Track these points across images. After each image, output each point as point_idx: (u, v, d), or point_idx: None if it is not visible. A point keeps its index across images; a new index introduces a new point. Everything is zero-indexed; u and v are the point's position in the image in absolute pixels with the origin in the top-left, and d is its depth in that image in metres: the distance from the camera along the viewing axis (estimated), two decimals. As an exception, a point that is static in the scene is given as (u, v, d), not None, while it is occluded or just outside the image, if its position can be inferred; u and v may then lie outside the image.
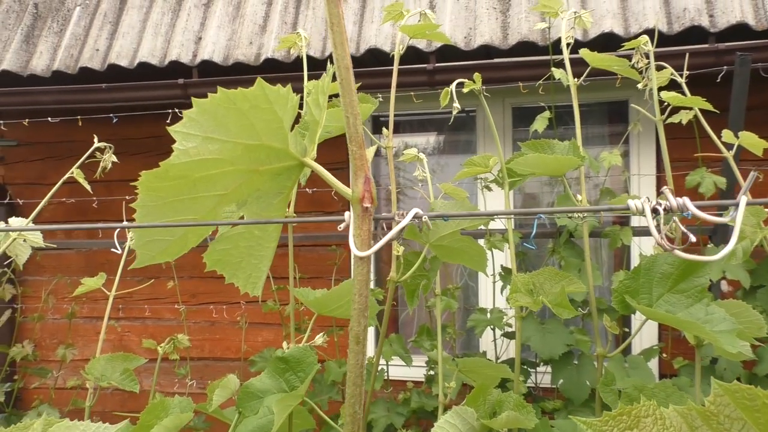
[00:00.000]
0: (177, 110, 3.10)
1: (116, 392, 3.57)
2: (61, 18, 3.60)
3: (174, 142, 0.49)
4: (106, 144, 1.66)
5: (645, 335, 3.25)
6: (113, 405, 3.70)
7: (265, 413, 1.21)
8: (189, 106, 0.49)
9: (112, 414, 2.82)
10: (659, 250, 1.57)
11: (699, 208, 0.48)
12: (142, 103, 3.22)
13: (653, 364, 3.18)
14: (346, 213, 0.50)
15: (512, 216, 2.59)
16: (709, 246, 2.69)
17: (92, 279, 1.71)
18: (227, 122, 0.47)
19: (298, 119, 0.56)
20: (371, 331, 3.40)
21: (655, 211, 0.49)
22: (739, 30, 2.70)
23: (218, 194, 0.51)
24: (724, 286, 3.00)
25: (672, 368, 2.64)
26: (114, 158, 1.69)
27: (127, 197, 1.78)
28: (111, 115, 3.22)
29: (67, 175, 1.62)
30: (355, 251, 0.48)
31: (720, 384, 0.44)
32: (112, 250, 1.35)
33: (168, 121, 3.10)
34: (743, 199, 0.48)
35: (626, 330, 3.05)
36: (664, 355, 2.84)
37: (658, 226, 0.49)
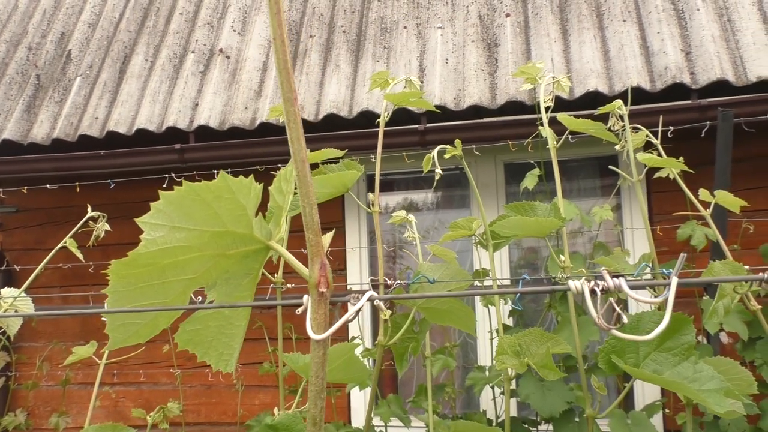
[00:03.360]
0: (174, 174, 3.15)
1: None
2: (62, 88, 3.70)
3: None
4: (99, 213, 1.70)
5: (648, 389, 3.20)
6: (107, 474, 3.61)
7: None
8: (185, 170, 0.51)
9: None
10: (652, 306, 1.58)
11: (635, 288, 0.50)
12: (139, 168, 3.28)
13: (657, 420, 3.12)
14: (305, 296, 0.52)
15: (500, 277, 2.60)
16: (704, 298, 2.69)
17: (83, 347, 1.71)
18: (192, 212, 0.49)
19: (267, 202, 0.59)
20: (368, 392, 3.35)
21: (593, 292, 0.50)
22: (721, 86, 2.77)
23: (187, 278, 0.53)
24: (724, 338, 2.98)
25: (676, 423, 2.59)
26: (107, 226, 1.72)
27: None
28: (108, 180, 3.28)
29: (59, 245, 1.64)
30: (311, 334, 0.49)
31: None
32: (103, 318, 1.35)
33: (165, 185, 3.15)
34: (674, 279, 0.50)
35: (626, 384, 3.00)
36: (667, 410, 2.79)
37: (597, 305, 0.50)
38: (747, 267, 1.24)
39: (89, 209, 1.73)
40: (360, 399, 3.42)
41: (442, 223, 3.69)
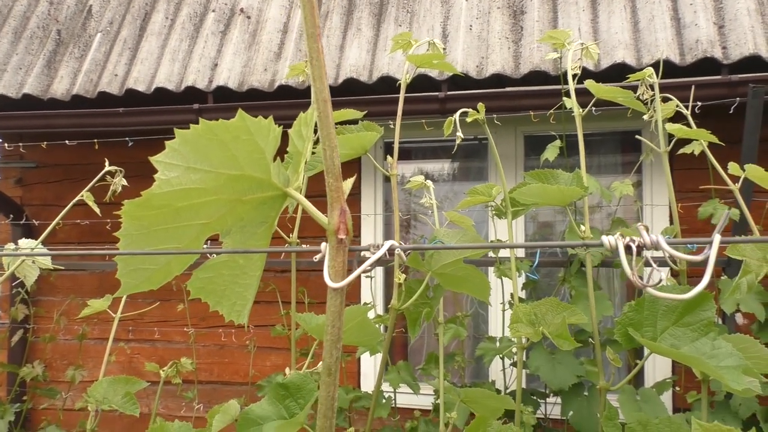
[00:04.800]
0: (191, 135, 3.14)
1: (124, 414, 3.57)
2: (82, 44, 3.69)
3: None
4: (116, 167, 1.69)
5: (658, 368, 3.19)
6: (121, 428, 3.70)
7: (264, 440, 1.20)
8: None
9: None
10: (673, 281, 1.55)
11: (674, 245, 0.47)
12: (157, 127, 3.28)
13: (667, 397, 3.11)
14: (323, 244, 0.50)
15: (503, 248, 2.57)
16: (722, 278, 2.65)
17: (98, 301, 1.73)
18: (209, 153, 0.48)
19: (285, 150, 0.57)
20: (380, 357, 3.37)
21: (628, 248, 0.48)
22: (753, 62, 2.69)
23: (201, 223, 0.52)
24: (739, 319, 2.95)
25: (686, 402, 2.59)
26: (124, 181, 1.72)
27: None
28: (127, 138, 3.28)
29: (76, 199, 1.64)
30: (329, 282, 0.48)
31: (701, 424, 0.43)
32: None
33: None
34: (717, 237, 0.48)
35: (638, 361, 2.99)
36: (678, 388, 2.78)
37: (632, 262, 0.48)
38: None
39: (107, 164, 1.73)
40: (370, 364, 3.45)
41: (456, 194, 3.66)
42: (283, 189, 0.52)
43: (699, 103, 2.53)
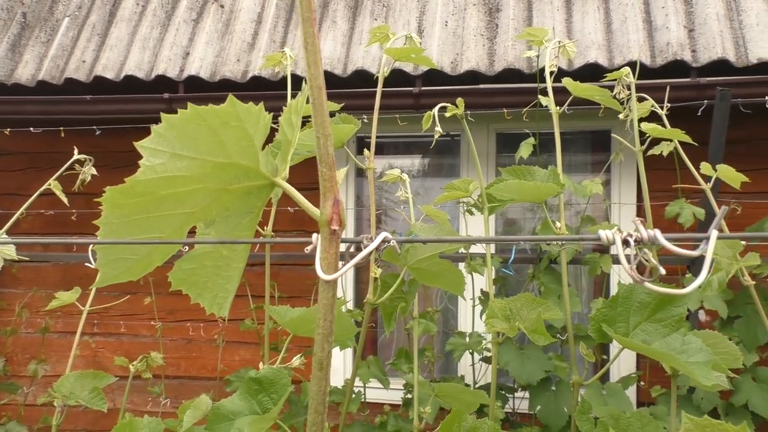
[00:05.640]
0: (161, 124, 3.08)
1: (88, 410, 3.49)
2: (49, 28, 3.58)
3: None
4: (85, 156, 1.65)
5: (623, 363, 3.25)
6: (85, 423, 3.62)
7: (236, 436, 1.18)
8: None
9: (81, 432, 2.75)
10: (645, 273, 1.58)
11: (670, 240, 0.48)
12: (126, 116, 3.20)
13: (631, 391, 3.17)
14: (314, 235, 0.49)
15: (491, 242, 2.59)
16: (687, 276, 2.71)
17: (66, 293, 1.68)
18: (196, 139, 0.46)
19: (272, 139, 0.56)
20: (349, 352, 3.37)
21: (626, 242, 0.48)
22: (721, 66, 2.75)
23: (185, 212, 0.50)
24: (702, 316, 3.02)
25: (650, 396, 2.64)
26: (93, 171, 1.67)
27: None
28: (94, 127, 3.20)
29: (43, 187, 1.59)
30: (321, 274, 0.47)
31: (691, 419, 0.44)
32: (86, 264, 1.32)
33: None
34: (714, 232, 0.48)
35: (604, 357, 3.05)
36: (642, 383, 2.84)
37: (628, 258, 0.48)
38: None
39: (75, 152, 1.68)
40: (340, 359, 3.44)
41: (427, 190, 3.66)
42: (271, 178, 0.50)
43: (668, 105, 2.57)
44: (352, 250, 0.56)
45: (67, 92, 3.35)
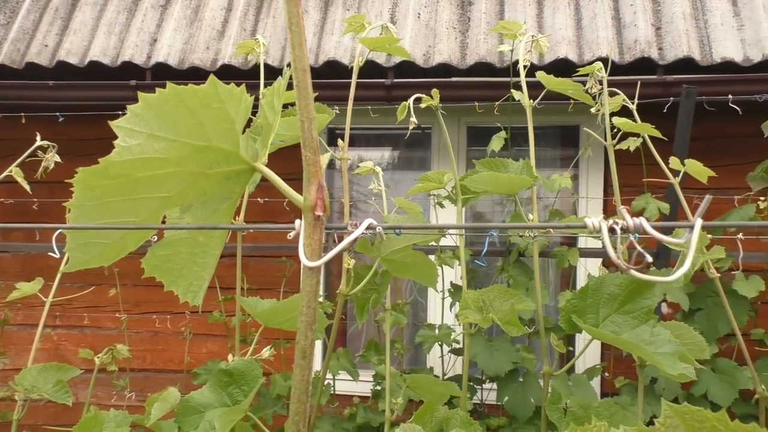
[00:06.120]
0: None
1: (50, 404, 3.41)
2: (8, 10, 3.46)
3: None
4: (49, 143, 1.60)
5: (588, 354, 3.31)
6: (46, 418, 3.53)
7: (206, 428, 1.16)
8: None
9: (43, 428, 2.68)
10: (605, 271, 1.60)
11: (655, 228, 0.48)
12: (91, 103, 3.12)
13: (596, 382, 3.24)
14: (297, 221, 0.48)
15: (464, 232, 2.60)
16: (651, 268, 2.77)
17: (28, 284, 1.63)
18: (175, 120, 0.44)
19: (249, 124, 0.54)
20: (318, 344, 3.35)
21: (611, 230, 0.49)
22: (686, 64, 2.81)
23: (161, 196, 0.48)
24: (664, 309, 3.09)
25: (613, 387, 2.69)
26: (57, 158, 1.63)
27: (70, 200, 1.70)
28: (57, 114, 3.10)
29: (4, 174, 1.54)
30: (304, 261, 0.46)
31: (670, 405, 0.44)
32: (50, 254, 1.28)
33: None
34: (698, 221, 0.49)
35: (570, 349, 3.10)
36: (606, 374, 2.90)
37: (614, 246, 0.49)
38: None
39: (38, 138, 1.62)
40: (309, 352, 3.42)
41: (397, 183, 3.66)
42: (251, 163, 0.49)
43: (636, 101, 2.62)
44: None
45: (28, 77, 3.25)
